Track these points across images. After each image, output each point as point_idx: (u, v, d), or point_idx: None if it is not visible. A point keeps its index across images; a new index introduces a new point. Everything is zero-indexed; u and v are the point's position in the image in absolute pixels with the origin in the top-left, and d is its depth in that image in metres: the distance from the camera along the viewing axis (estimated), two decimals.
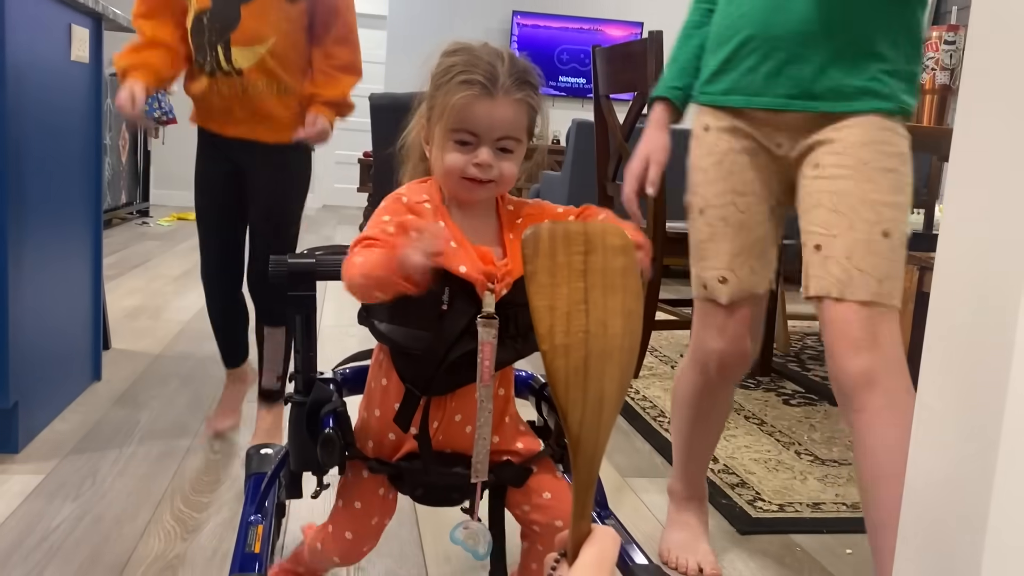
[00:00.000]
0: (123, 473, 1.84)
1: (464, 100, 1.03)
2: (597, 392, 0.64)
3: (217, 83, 1.87)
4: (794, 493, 1.96)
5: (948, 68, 2.62)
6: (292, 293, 1.12)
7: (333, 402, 1.10)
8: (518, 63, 1.07)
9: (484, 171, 1.04)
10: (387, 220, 1.04)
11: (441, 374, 1.03)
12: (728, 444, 2.26)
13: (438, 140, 1.06)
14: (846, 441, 2.35)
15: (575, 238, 0.65)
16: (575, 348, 0.63)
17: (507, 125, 1.05)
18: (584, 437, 0.64)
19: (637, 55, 2.84)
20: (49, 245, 2.08)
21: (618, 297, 0.65)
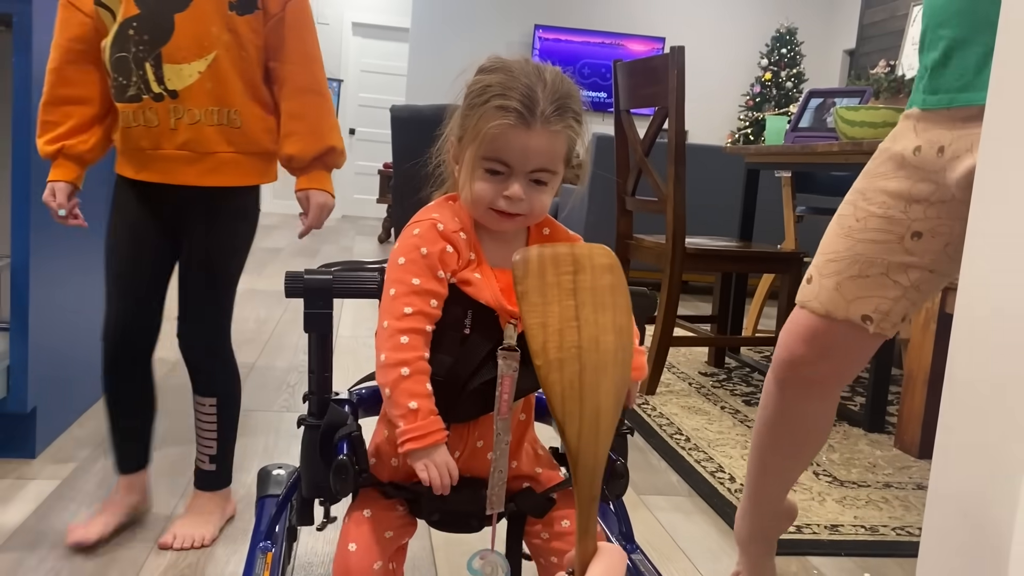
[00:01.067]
0: None
1: (497, 129, 0.96)
2: (593, 406, 0.66)
3: (144, 111, 1.51)
4: (812, 514, 1.93)
5: None
6: (308, 311, 1.08)
7: (348, 426, 1.05)
8: (560, 86, 0.99)
9: (514, 205, 0.98)
10: (425, 253, 0.97)
11: (463, 401, 0.99)
12: (745, 463, 2.23)
13: (467, 165, 1.00)
14: (866, 462, 2.32)
15: (563, 259, 0.70)
16: (569, 363, 0.66)
17: (543, 158, 0.98)
18: (583, 450, 0.66)
19: (659, 70, 2.83)
20: (72, 252, 2.09)
21: (608, 314, 0.68)
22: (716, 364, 3.35)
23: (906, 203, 1.24)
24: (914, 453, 2.40)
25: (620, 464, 1.05)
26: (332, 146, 1.63)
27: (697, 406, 2.76)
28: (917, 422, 2.40)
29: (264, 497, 1.29)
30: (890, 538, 1.84)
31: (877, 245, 1.26)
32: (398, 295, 0.96)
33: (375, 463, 1.07)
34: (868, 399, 2.66)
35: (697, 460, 2.23)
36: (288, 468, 1.33)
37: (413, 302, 0.95)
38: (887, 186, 1.25)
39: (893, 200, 1.25)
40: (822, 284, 1.30)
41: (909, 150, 1.24)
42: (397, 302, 0.96)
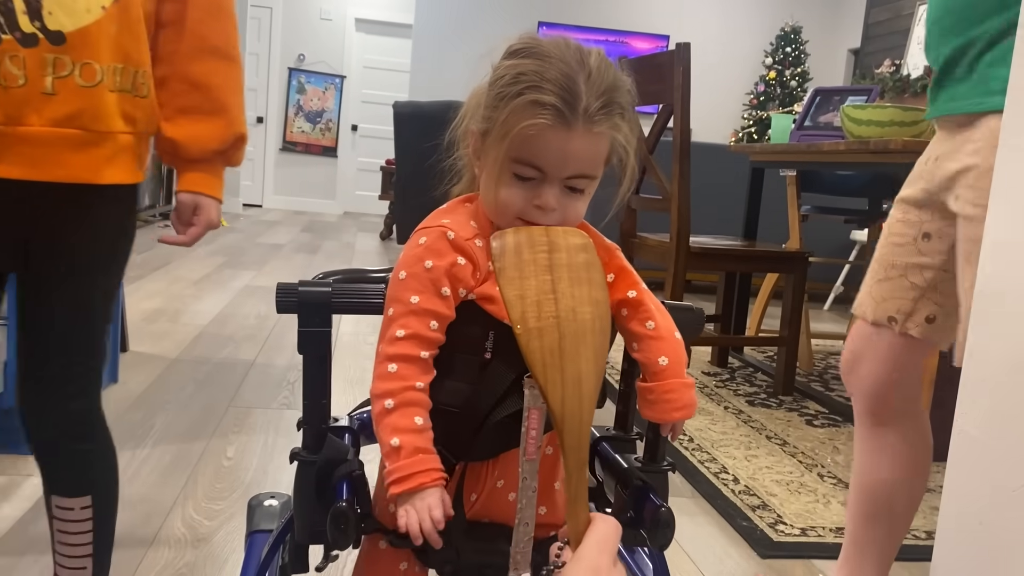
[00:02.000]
0: (135, 478, 1.82)
1: (532, 129, 0.81)
2: (575, 372, 0.68)
3: (2, 60, 0.98)
4: (817, 517, 1.91)
5: None
6: (303, 329, 0.94)
7: (348, 463, 0.91)
8: (605, 76, 0.84)
9: (545, 215, 0.85)
10: (429, 267, 0.84)
11: (482, 436, 0.87)
12: (749, 464, 2.21)
13: (493, 165, 0.86)
14: None
15: (538, 239, 0.72)
16: (548, 331, 0.68)
17: (582, 163, 0.85)
18: (568, 416, 0.68)
19: (664, 67, 2.81)
20: None
21: (584, 288, 0.70)
22: (719, 364, 3.33)
23: (917, 208, 1.30)
24: None
25: (665, 511, 0.89)
26: (242, 135, 1.23)
27: (700, 406, 2.74)
28: None
29: (254, 533, 1.16)
30: None
31: (897, 248, 1.32)
32: (394, 316, 0.85)
33: (379, 506, 0.94)
34: None
35: (701, 461, 2.21)
36: (281, 499, 1.21)
37: (408, 323, 0.84)
38: (904, 192, 1.33)
39: (908, 205, 1.32)
40: (862, 290, 1.37)
41: (924, 158, 1.32)
42: (391, 325, 0.85)
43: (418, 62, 7.49)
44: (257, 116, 9.07)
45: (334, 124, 9.34)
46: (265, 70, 9.07)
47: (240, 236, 6.34)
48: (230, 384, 2.53)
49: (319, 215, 8.86)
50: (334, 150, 9.36)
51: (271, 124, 9.19)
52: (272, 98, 9.15)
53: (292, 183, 9.30)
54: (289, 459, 0.95)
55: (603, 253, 0.94)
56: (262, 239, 6.29)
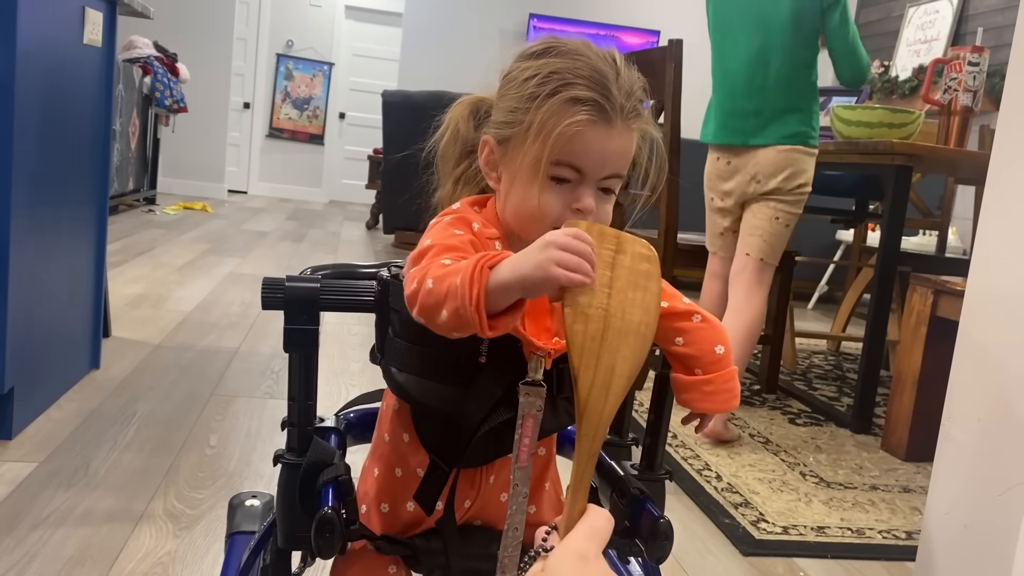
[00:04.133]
0: (117, 465, 1.80)
1: (574, 128, 0.79)
2: (609, 363, 0.69)
3: None
4: (798, 515, 1.92)
5: (971, 90, 2.59)
6: (289, 327, 0.90)
7: (335, 467, 0.88)
8: (631, 73, 0.84)
9: (584, 219, 0.80)
10: (460, 235, 0.81)
11: (474, 443, 0.84)
12: (732, 462, 2.22)
13: (527, 171, 0.82)
14: (852, 464, 2.31)
15: (609, 236, 0.72)
16: (595, 320, 0.69)
17: (619, 161, 0.83)
18: (592, 404, 0.69)
19: (656, 63, 2.81)
20: (53, 231, 2.05)
21: (639, 294, 0.71)
22: None
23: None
24: (901, 456, 2.39)
25: (664, 522, 0.87)
26: None
27: None
28: (905, 425, 2.39)
29: (234, 534, 1.14)
30: (876, 541, 1.83)
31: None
32: (434, 241, 0.79)
33: (365, 511, 0.91)
34: (856, 400, 2.65)
35: (684, 458, 2.21)
36: (264, 498, 1.19)
37: (454, 240, 0.79)
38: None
39: None
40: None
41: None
42: (432, 257, 0.77)
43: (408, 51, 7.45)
44: (244, 102, 9.01)
45: (321, 112, 9.28)
46: (253, 55, 9.01)
47: (224, 223, 6.29)
48: (213, 372, 2.52)
49: (305, 203, 8.81)
50: (321, 138, 9.31)
51: (258, 110, 9.13)
52: (259, 84, 9.08)
53: (278, 170, 9.24)
54: (272, 461, 0.93)
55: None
56: (247, 226, 6.25)
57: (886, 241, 2.56)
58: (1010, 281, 0.86)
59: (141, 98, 6.12)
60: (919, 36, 5.75)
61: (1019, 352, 0.85)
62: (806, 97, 2.41)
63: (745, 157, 2.47)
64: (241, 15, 8.57)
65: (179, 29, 7.52)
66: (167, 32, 7.09)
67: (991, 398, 0.88)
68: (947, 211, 3.98)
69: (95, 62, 2.22)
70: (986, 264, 0.91)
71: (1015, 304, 0.85)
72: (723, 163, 2.55)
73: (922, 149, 2.52)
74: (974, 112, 2.62)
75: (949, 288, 2.27)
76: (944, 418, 0.93)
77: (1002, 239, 0.87)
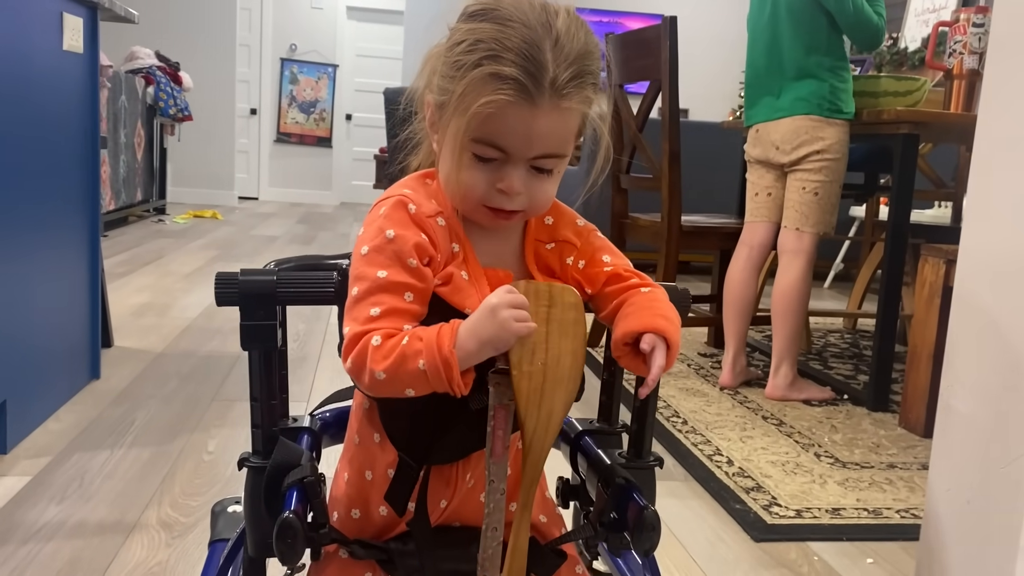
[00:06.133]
0: (112, 475, 1.77)
1: (492, 107, 0.74)
2: (548, 408, 0.76)
3: None
4: (812, 498, 1.86)
5: (976, 52, 2.51)
6: (246, 323, 0.86)
7: (300, 468, 0.83)
8: (575, 40, 0.76)
9: (510, 200, 0.79)
10: (391, 237, 0.77)
11: (445, 438, 0.81)
12: (744, 445, 2.16)
13: (451, 145, 0.78)
14: (869, 442, 2.24)
15: (543, 294, 0.77)
16: (535, 375, 0.76)
17: (549, 142, 0.78)
18: (535, 443, 0.77)
19: (651, 42, 2.75)
20: (41, 242, 2.02)
21: (568, 341, 0.77)
22: (716, 344, 3.27)
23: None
24: (919, 432, 2.33)
25: (650, 512, 0.83)
26: None
27: (695, 388, 2.69)
28: (922, 400, 2.32)
29: (215, 541, 1.10)
30: (894, 521, 1.77)
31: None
32: (360, 295, 0.76)
33: (337, 517, 0.87)
34: (871, 377, 2.59)
35: (694, 443, 2.16)
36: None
37: (381, 300, 0.75)
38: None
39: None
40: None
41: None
42: (359, 304, 0.76)
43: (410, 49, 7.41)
44: (251, 108, 9.01)
45: (328, 114, 9.27)
46: (257, 61, 9.00)
47: (234, 229, 6.29)
48: (215, 377, 2.49)
49: (316, 206, 8.80)
50: (329, 140, 9.29)
51: (264, 116, 9.12)
52: (265, 89, 9.08)
53: (287, 175, 9.23)
54: (238, 464, 0.89)
55: (575, 236, 0.89)
56: (256, 231, 6.24)
57: (895, 212, 2.48)
58: (1001, 241, 0.80)
59: (145, 108, 6.11)
60: (927, 5, 5.64)
61: (1018, 316, 0.79)
62: (822, 68, 2.48)
63: (768, 128, 2.61)
64: (243, 21, 8.56)
65: (181, 38, 7.52)
66: (169, 41, 7.09)
67: (990, 366, 0.82)
68: (961, 181, 3.88)
69: (77, 70, 2.19)
70: (978, 224, 0.86)
71: (1009, 265, 0.79)
72: (752, 131, 2.70)
73: (928, 116, 2.44)
74: (981, 75, 2.53)
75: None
76: (942, 388, 0.87)
77: (991, 197, 0.82)
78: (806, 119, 2.50)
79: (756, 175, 2.68)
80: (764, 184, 2.65)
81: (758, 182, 2.67)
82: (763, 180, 2.66)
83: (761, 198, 2.66)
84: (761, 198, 2.66)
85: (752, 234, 2.69)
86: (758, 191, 2.67)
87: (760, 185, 2.67)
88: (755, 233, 2.68)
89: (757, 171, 2.68)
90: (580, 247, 0.88)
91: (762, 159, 2.64)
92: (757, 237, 2.67)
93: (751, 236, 2.69)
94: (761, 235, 2.67)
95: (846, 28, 2.48)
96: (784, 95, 2.55)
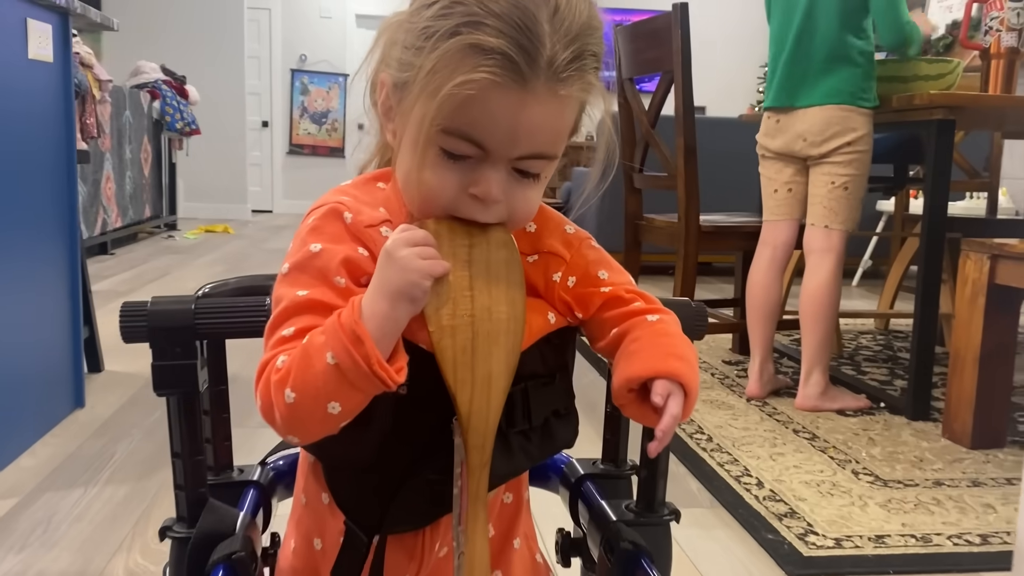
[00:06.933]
0: (82, 517, 1.63)
1: (471, 89, 0.58)
2: (485, 372, 0.62)
3: None
4: (853, 523, 1.68)
5: (1015, 28, 2.32)
6: (158, 363, 0.72)
7: (231, 540, 0.71)
8: (578, 11, 0.61)
9: (486, 209, 0.63)
10: (316, 252, 0.62)
11: (404, 499, 0.65)
12: (775, 464, 1.98)
13: (414, 136, 0.62)
14: (911, 456, 2.06)
15: (459, 231, 0.64)
16: (461, 330, 0.62)
17: (540, 138, 0.62)
18: (475, 418, 0.61)
19: (662, 31, 2.58)
20: (11, 268, 1.88)
21: (502, 286, 0.64)
22: (741, 351, 3.09)
23: None
24: (966, 443, 2.13)
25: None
26: None
27: (720, 399, 2.51)
28: (968, 408, 2.13)
29: None
30: (946, 549, 1.58)
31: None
32: (276, 319, 0.62)
33: None
34: (910, 383, 2.39)
35: (720, 463, 1.98)
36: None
37: (298, 321, 0.60)
38: None
39: None
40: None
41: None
42: (276, 329, 0.61)
43: None
44: (262, 120, 8.92)
45: (340, 124, 9.16)
46: (267, 73, 8.91)
47: (245, 242, 6.17)
48: None
49: None
50: (341, 151, 9.18)
51: (276, 127, 9.03)
52: (276, 101, 8.99)
53: (301, 186, 9.12)
54: (159, 534, 0.75)
55: (563, 247, 0.71)
56: (268, 245, 6.12)
57: (931, 203, 2.30)
58: None
59: (151, 123, 6.02)
60: None
61: None
62: (857, 55, 2.31)
63: (793, 117, 2.40)
64: (252, 33, 8.47)
65: (188, 51, 7.44)
66: (176, 55, 7.00)
67: None
68: (995, 170, 3.67)
69: (47, 80, 2.06)
70: None
71: None
72: (772, 122, 2.48)
73: (965, 99, 2.25)
74: (1021, 53, 2.34)
75: (1008, 252, 2.00)
76: None
77: None
78: (838, 109, 2.31)
79: (773, 170, 2.48)
80: (783, 179, 2.46)
81: (776, 177, 2.47)
82: (782, 175, 2.46)
83: (781, 194, 2.47)
84: (781, 194, 2.47)
85: (774, 233, 2.50)
86: (777, 187, 2.48)
87: (779, 181, 2.47)
88: (778, 232, 2.49)
89: (774, 165, 2.48)
90: (570, 260, 0.71)
91: (784, 151, 2.44)
92: (780, 236, 2.48)
93: (773, 235, 2.50)
94: (785, 234, 2.48)
95: (878, 12, 2.28)
96: (816, 81, 2.34)
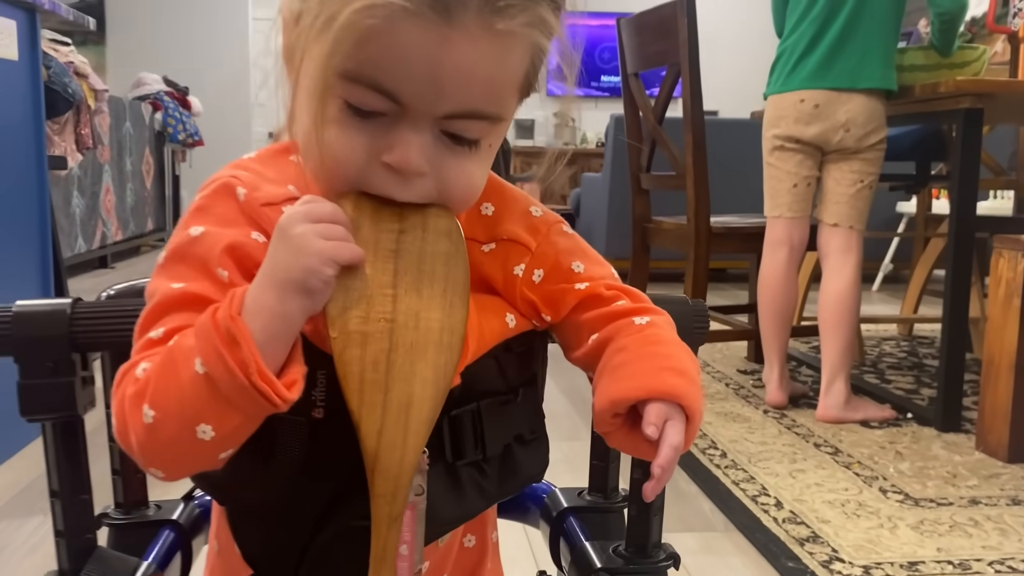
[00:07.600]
0: (37, 548, 1.50)
1: (375, 19, 0.45)
2: (403, 395, 0.48)
3: None
4: (882, 548, 1.52)
5: None
6: (26, 381, 0.59)
7: None
8: None
9: (405, 184, 0.50)
10: (196, 236, 0.51)
11: (316, 555, 0.53)
12: (795, 482, 1.83)
13: (309, 84, 0.50)
14: (943, 472, 1.90)
15: (389, 214, 0.51)
16: (375, 338, 0.49)
17: (474, 88, 0.49)
18: (384, 452, 0.48)
19: (667, 22, 2.44)
20: None
21: (437, 287, 0.50)
22: (756, 359, 2.93)
23: None
24: (1002, 456, 1.97)
25: None
26: None
27: (735, 411, 2.36)
28: (1004, 418, 1.97)
29: None
30: None
31: None
32: (144, 321, 0.50)
33: None
34: (939, 391, 2.23)
35: (735, 481, 1.83)
36: None
37: (169, 320, 0.49)
38: None
39: None
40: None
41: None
42: (145, 329, 0.49)
43: None
44: (268, 132, 8.84)
45: None
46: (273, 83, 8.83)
47: None
48: None
49: None
50: None
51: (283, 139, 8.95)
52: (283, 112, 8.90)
53: None
54: None
55: (528, 233, 0.58)
56: None
57: (960, 200, 2.14)
58: None
59: (153, 135, 5.92)
60: None
61: None
62: (893, 41, 2.17)
63: (838, 102, 2.16)
64: (258, 45, 8.40)
65: (191, 62, 7.36)
66: (179, 66, 6.92)
67: None
68: (1022, 167, 3.51)
69: (12, 80, 1.94)
70: None
71: None
72: (808, 105, 2.20)
73: (994, 86, 2.10)
74: None
75: None
76: None
77: None
78: (879, 99, 2.16)
79: (794, 162, 2.27)
80: (804, 173, 2.27)
81: (797, 171, 2.27)
82: (803, 167, 2.26)
83: (801, 189, 2.29)
84: (801, 189, 2.29)
85: (792, 231, 2.32)
86: (797, 181, 2.28)
87: (800, 175, 2.27)
88: (795, 230, 2.32)
89: (796, 157, 2.26)
90: (536, 250, 0.58)
91: (816, 141, 2.21)
92: (798, 234, 2.32)
93: (790, 233, 2.32)
94: (802, 232, 2.32)
95: None
96: (865, 61, 2.12)
